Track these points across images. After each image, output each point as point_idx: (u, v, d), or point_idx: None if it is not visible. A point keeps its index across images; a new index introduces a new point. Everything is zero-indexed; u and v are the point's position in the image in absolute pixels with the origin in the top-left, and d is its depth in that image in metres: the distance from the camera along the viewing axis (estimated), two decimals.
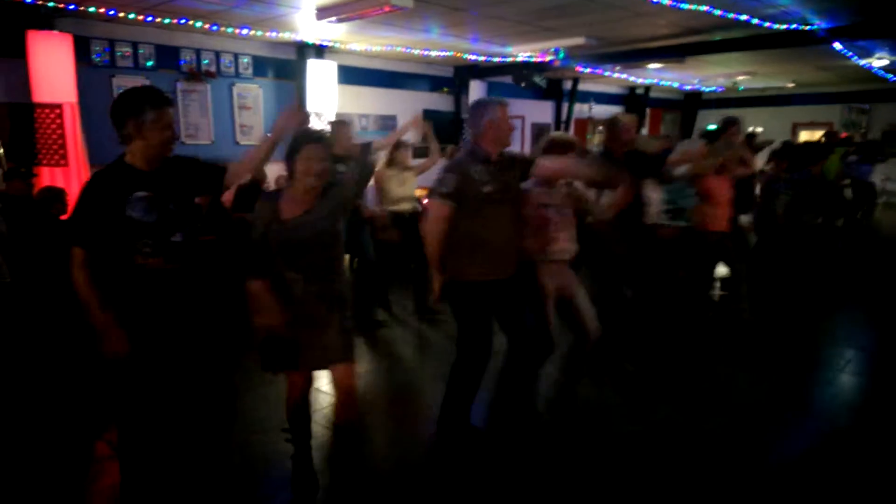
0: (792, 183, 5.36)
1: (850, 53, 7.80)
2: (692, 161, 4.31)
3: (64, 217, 4.26)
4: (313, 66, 7.23)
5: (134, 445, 2.47)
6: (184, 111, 6.56)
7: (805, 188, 5.44)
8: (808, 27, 6.35)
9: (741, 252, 4.90)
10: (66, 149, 5.52)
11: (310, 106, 7.28)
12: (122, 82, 6.03)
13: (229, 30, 6.34)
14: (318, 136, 2.40)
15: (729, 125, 4.73)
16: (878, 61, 8.57)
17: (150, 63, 6.29)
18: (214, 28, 6.25)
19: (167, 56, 6.42)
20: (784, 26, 6.31)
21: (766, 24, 6.21)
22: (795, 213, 5.31)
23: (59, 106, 5.46)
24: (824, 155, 6.60)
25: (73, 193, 4.69)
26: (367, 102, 8.42)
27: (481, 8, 5.67)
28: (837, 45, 7.07)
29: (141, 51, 6.22)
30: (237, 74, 6.99)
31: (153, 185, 2.25)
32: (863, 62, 8.48)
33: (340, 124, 4.73)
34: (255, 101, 7.16)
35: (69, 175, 5.53)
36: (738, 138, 4.86)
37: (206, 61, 6.69)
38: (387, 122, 8.66)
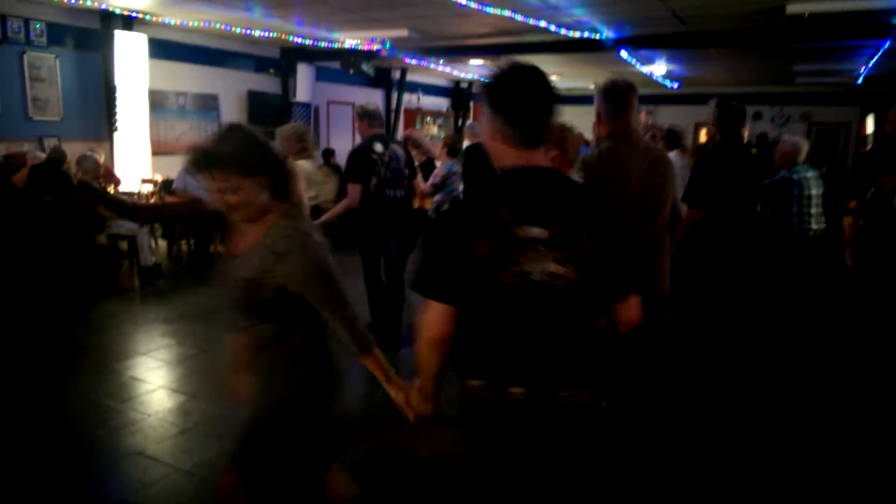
0: None
1: (634, 61, 9.04)
2: None
3: None
4: (122, 37, 6.68)
5: None
6: None
7: None
8: (598, 36, 7.27)
9: None
10: None
11: (118, 81, 6.74)
12: None
13: None
14: None
15: None
16: (657, 69, 10.02)
17: None
18: None
19: None
20: (578, 34, 7.16)
21: (563, 31, 7.00)
22: None
23: None
24: None
25: None
26: (184, 80, 7.94)
27: None
28: (623, 54, 8.17)
29: None
30: (28, 42, 6.23)
31: None
32: (645, 69, 9.85)
33: None
34: (50, 72, 6.44)
35: None
36: None
37: None
38: (207, 102, 8.27)
